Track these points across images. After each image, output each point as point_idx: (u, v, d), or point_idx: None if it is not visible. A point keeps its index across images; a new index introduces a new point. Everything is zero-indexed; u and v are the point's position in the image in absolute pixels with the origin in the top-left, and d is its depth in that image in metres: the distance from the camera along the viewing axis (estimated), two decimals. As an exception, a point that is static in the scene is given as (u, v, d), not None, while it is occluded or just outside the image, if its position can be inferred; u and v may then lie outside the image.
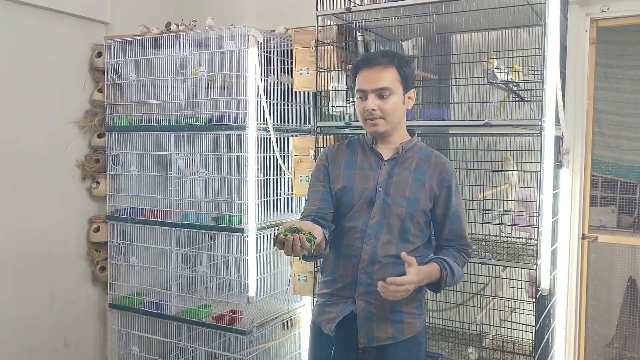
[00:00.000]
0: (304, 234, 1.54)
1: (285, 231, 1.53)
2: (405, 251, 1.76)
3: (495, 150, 2.63)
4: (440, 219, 1.87)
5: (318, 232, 1.67)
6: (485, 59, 2.35)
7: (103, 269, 3.40)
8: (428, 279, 1.75)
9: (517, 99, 2.50)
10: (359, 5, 2.57)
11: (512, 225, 2.51)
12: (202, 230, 3.05)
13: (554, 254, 2.58)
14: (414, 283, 1.67)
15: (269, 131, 2.95)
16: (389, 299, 1.68)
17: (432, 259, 1.82)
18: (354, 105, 2.71)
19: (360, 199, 1.83)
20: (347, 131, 2.83)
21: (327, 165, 1.93)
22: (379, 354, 1.83)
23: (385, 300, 1.77)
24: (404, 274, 1.72)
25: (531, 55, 2.38)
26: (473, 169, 2.59)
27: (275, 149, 2.97)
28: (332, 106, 2.70)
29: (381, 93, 1.79)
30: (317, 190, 1.91)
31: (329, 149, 1.99)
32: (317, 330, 1.93)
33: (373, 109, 1.79)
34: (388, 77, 1.79)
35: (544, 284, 2.34)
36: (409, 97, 1.86)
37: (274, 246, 1.56)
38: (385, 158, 1.86)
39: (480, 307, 2.64)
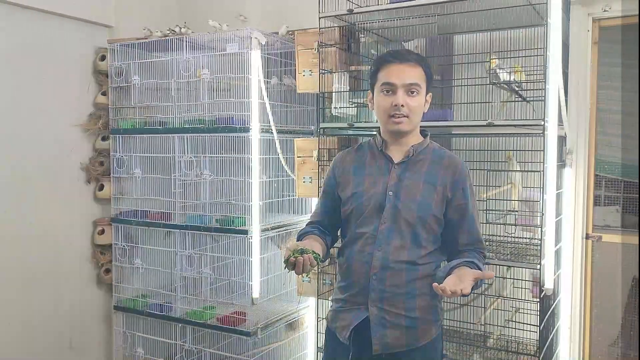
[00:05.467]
0: (310, 253, 1.69)
1: (293, 253, 1.68)
2: (419, 256, 1.74)
3: (498, 150, 2.63)
4: (456, 223, 1.81)
5: (317, 248, 1.79)
6: (487, 60, 2.36)
7: (108, 271, 3.42)
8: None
9: (519, 99, 2.50)
10: (361, 6, 2.57)
11: (515, 225, 2.51)
12: (206, 232, 3.06)
13: (557, 253, 2.58)
14: (466, 289, 1.60)
15: (272, 133, 2.96)
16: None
17: (462, 263, 1.74)
18: (356, 106, 2.73)
19: (370, 204, 1.81)
20: (350, 132, 2.84)
21: (335, 175, 1.94)
22: None
23: (398, 307, 1.77)
24: (417, 278, 1.75)
25: (534, 56, 2.38)
26: (476, 169, 2.59)
27: (279, 150, 2.98)
28: (335, 107, 2.70)
29: (411, 89, 1.76)
30: (322, 203, 2.02)
31: (337, 157, 1.98)
32: (332, 337, 1.90)
33: (402, 105, 1.75)
34: (418, 75, 1.78)
35: (548, 284, 2.34)
36: (426, 100, 1.84)
37: (286, 268, 1.70)
38: (396, 161, 1.83)
39: (485, 307, 2.64)
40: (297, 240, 1.90)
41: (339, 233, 2.03)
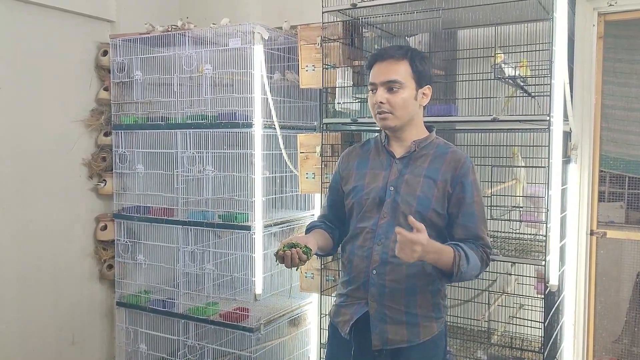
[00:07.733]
0: (300, 247, 1.71)
1: (284, 247, 1.71)
2: None
3: (503, 145, 2.62)
4: (454, 217, 1.78)
5: (312, 242, 1.78)
6: (492, 55, 2.34)
7: (110, 267, 3.41)
8: (438, 255, 1.65)
9: (524, 94, 2.49)
10: (364, 1, 2.56)
11: (520, 221, 2.50)
12: (208, 228, 3.05)
13: (562, 250, 2.57)
14: (422, 245, 1.57)
15: (275, 128, 2.94)
16: (399, 252, 1.59)
17: (448, 244, 1.72)
18: (360, 101, 2.72)
19: (369, 198, 1.81)
20: (353, 128, 2.83)
21: (340, 169, 1.96)
22: (394, 357, 1.79)
23: (398, 303, 1.76)
24: (418, 274, 1.72)
25: (539, 50, 2.36)
26: (480, 165, 2.58)
27: (282, 146, 2.97)
28: (338, 103, 2.69)
29: (390, 86, 1.76)
30: (328, 197, 2.03)
31: (344, 152, 2.00)
32: (334, 331, 1.90)
33: (381, 102, 1.76)
34: (399, 70, 1.76)
35: (553, 280, 2.33)
36: (424, 94, 1.81)
37: (276, 261, 1.74)
38: (398, 156, 1.83)
39: (489, 304, 2.63)
40: (306, 233, 1.93)
41: None
